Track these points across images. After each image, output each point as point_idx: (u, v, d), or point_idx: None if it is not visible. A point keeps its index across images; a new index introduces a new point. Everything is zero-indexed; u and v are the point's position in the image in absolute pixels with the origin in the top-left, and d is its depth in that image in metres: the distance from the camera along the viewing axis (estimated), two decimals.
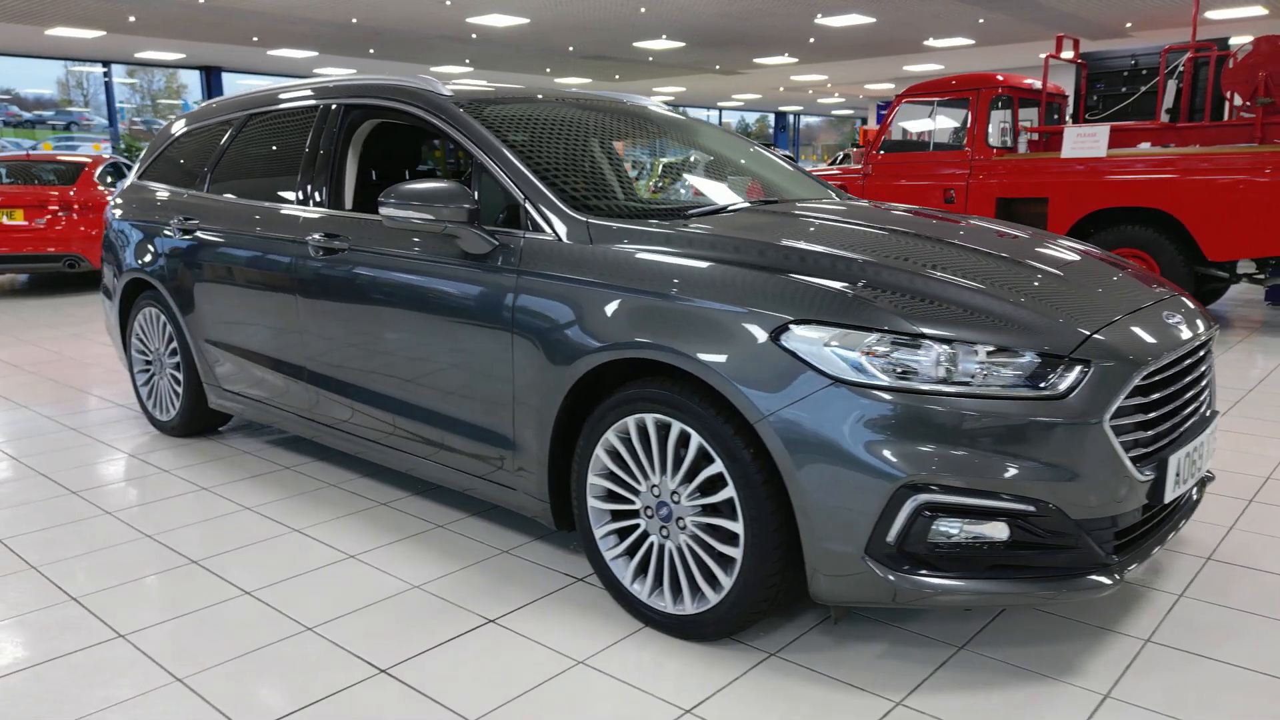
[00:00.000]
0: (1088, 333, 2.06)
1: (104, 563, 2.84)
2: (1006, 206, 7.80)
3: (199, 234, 3.79)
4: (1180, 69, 8.03)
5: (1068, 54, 8.69)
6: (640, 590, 2.39)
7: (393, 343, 2.95)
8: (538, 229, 2.62)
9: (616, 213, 2.67)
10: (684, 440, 2.23)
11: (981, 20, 14.66)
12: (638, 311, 2.27)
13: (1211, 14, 14.62)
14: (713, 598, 2.23)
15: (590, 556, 2.51)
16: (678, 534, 2.30)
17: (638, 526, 2.40)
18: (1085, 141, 7.30)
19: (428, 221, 2.63)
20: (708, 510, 2.23)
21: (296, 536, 3.03)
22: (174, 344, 4.06)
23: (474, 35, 15.68)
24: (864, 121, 35.23)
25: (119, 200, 4.49)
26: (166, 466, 3.78)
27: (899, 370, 1.97)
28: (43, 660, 2.27)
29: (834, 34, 15.88)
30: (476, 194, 2.95)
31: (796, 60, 20.24)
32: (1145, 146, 7.49)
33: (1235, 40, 7.88)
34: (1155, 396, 2.13)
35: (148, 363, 4.30)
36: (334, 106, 3.40)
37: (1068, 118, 9.09)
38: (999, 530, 1.97)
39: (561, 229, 2.56)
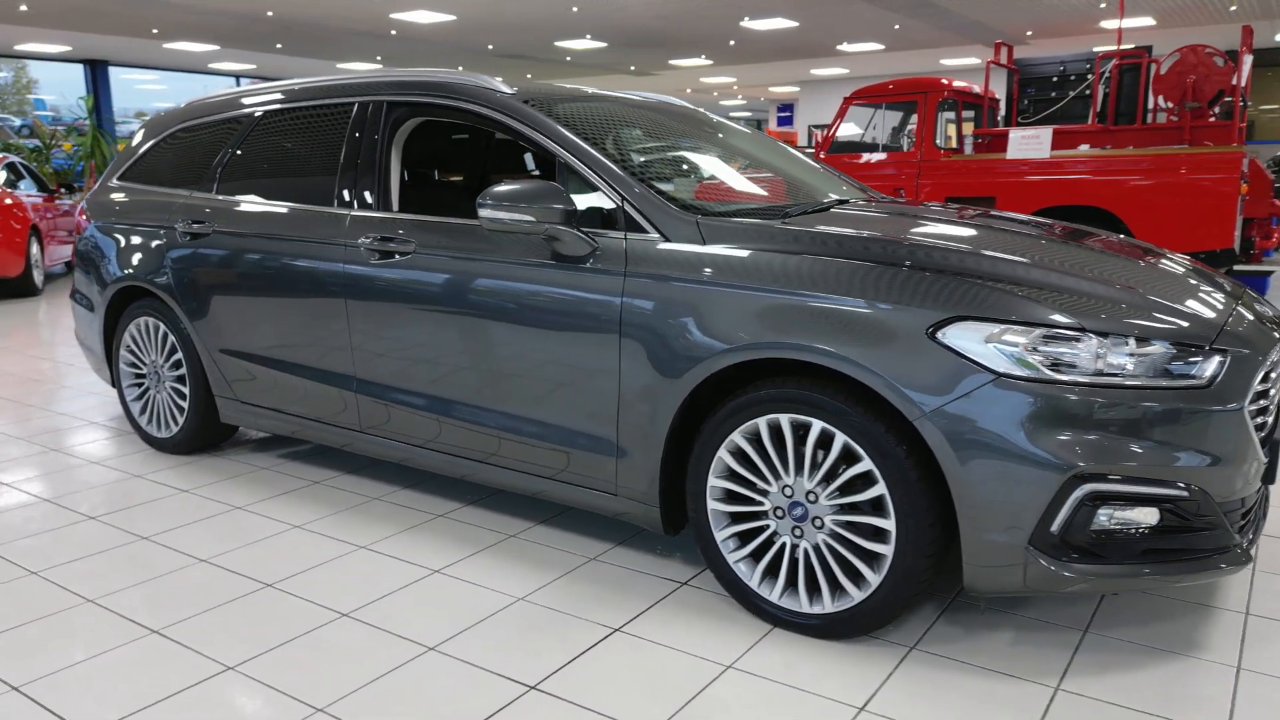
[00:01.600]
0: (1221, 324, 2.16)
1: (168, 592, 2.64)
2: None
3: (213, 238, 3.57)
4: (1107, 75, 8.52)
5: (987, 55, 9.09)
6: (769, 592, 2.39)
7: (472, 349, 2.85)
8: (639, 230, 2.57)
9: (713, 213, 2.65)
10: (823, 439, 2.24)
11: (897, 26, 15.17)
12: (774, 311, 2.26)
13: (1106, 24, 15.54)
14: (857, 595, 2.24)
15: (709, 559, 2.49)
16: (814, 533, 2.30)
17: (762, 528, 2.39)
18: (1029, 143, 7.66)
19: (528, 224, 2.55)
20: (848, 508, 2.24)
21: (366, 554, 2.89)
22: (176, 355, 3.81)
23: (394, 31, 15.26)
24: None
25: (96, 203, 4.18)
26: (184, 486, 3.54)
27: (1058, 363, 2.03)
28: (158, 699, 2.10)
29: (756, 37, 16.15)
30: None
31: (711, 63, 20.49)
32: (1085, 148, 7.90)
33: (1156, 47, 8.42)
34: (1269, 383, 2.26)
35: (139, 376, 4.02)
36: (376, 104, 3.25)
37: (998, 120, 9.51)
38: (1149, 516, 2.05)
39: (669, 229, 2.52)
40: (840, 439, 2.19)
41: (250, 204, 3.52)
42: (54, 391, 5.12)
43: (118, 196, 4.10)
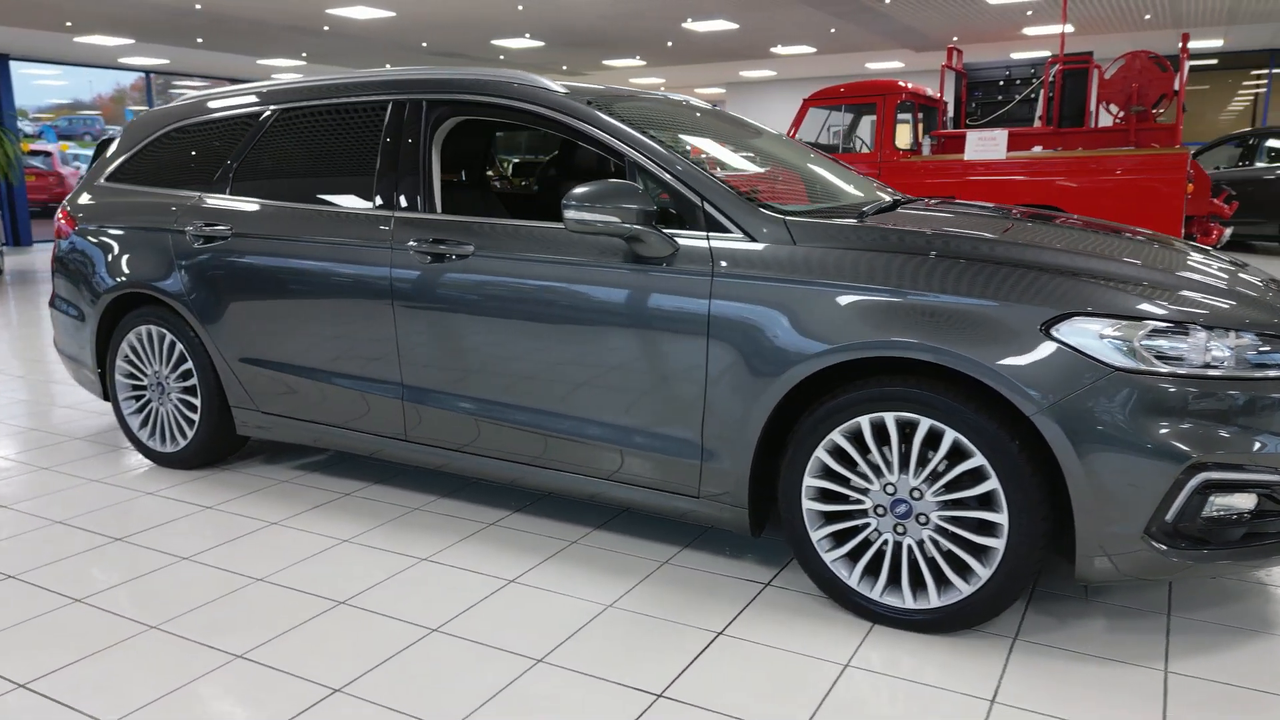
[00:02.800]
0: None
1: (237, 614, 2.50)
2: None
3: (232, 241, 3.40)
4: (1050, 79, 8.87)
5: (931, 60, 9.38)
6: (869, 589, 2.40)
7: (538, 352, 2.78)
8: (721, 230, 2.56)
9: (795, 214, 2.65)
10: (930, 436, 2.26)
11: (833, 30, 15.47)
12: (881, 311, 2.28)
13: (1028, 30, 16.17)
14: (965, 589, 2.27)
15: (802, 559, 2.49)
16: (918, 530, 2.32)
17: (860, 526, 2.40)
18: (986, 145, 7.92)
19: (613, 225, 2.51)
20: (954, 504, 2.27)
21: (431, 566, 2.80)
22: (185, 366, 3.62)
23: (326, 28, 14.80)
24: None
25: (83, 205, 3.94)
26: (205, 503, 3.37)
27: (1168, 357, 2.10)
28: None
29: (695, 39, 16.25)
30: None
31: (645, 63, 20.54)
32: (1038, 150, 8.21)
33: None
34: None
35: (137, 388, 3.80)
36: (414, 102, 3.15)
37: (945, 122, 9.80)
38: (1248, 501, 2.14)
39: (755, 229, 2.52)
40: (950, 435, 2.22)
41: (274, 206, 3.37)
42: (15, 406, 4.80)
43: (108, 199, 3.87)
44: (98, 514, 3.26)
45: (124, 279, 3.66)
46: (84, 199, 3.98)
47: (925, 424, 2.25)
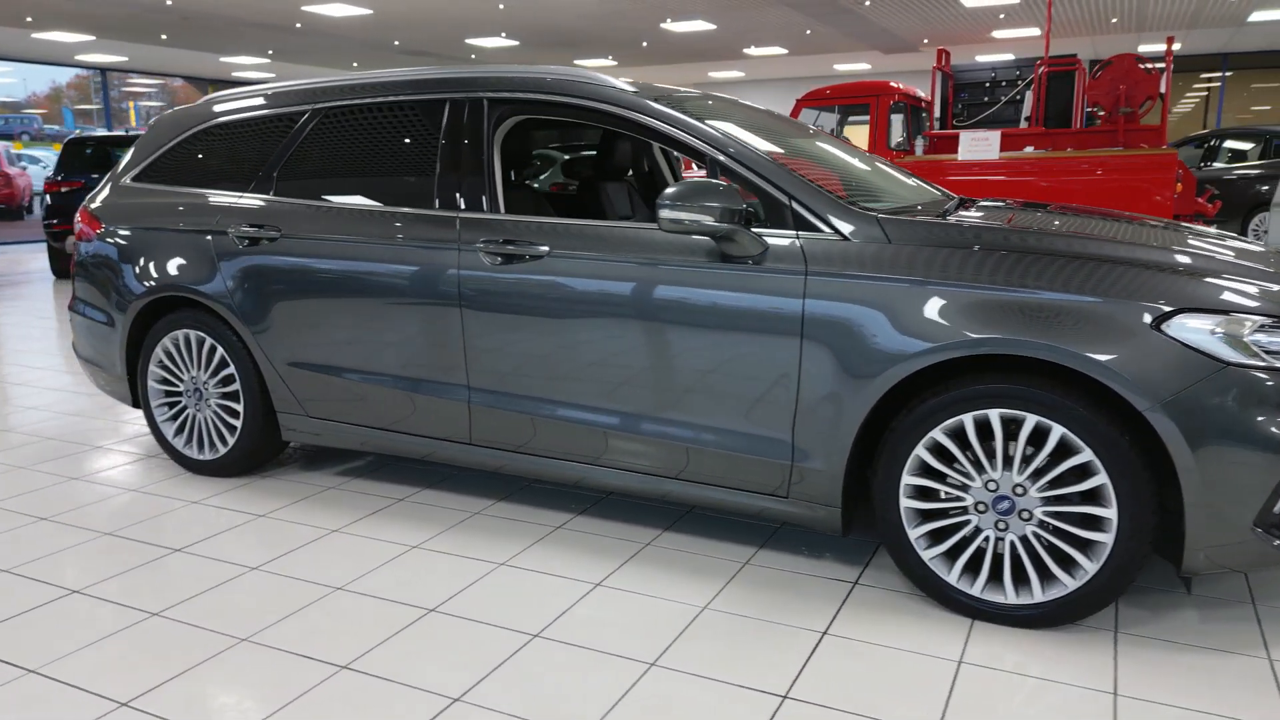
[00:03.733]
0: None
1: (326, 625, 2.44)
2: None
3: (282, 242, 3.32)
4: (1033, 82, 9.03)
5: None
6: (969, 586, 2.42)
7: (618, 353, 2.76)
8: (810, 228, 2.56)
9: (882, 212, 2.65)
10: (1036, 432, 2.28)
11: (809, 32, 15.61)
12: (984, 308, 2.29)
13: (999, 33, 16.47)
14: (1071, 584, 2.30)
15: (899, 557, 2.50)
16: (1021, 526, 2.34)
17: (960, 523, 2.42)
18: (979, 145, 8.02)
19: (707, 224, 2.49)
20: (1060, 499, 2.30)
21: (510, 570, 2.76)
22: (226, 371, 3.52)
23: (299, 25, 14.55)
24: None
25: (108, 206, 3.82)
26: (257, 511, 3.28)
27: (1272, 350, 2.14)
28: None
29: (672, 39, 16.28)
30: None
31: (616, 64, 20.53)
32: (1029, 150, 8.35)
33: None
34: None
35: (171, 394, 3.70)
36: (474, 101, 3.11)
37: (928, 124, 9.94)
38: None
39: (846, 228, 2.52)
40: (1058, 432, 2.25)
41: (327, 206, 3.29)
42: (23, 414, 4.64)
43: (136, 200, 3.76)
44: (146, 524, 3.16)
45: (160, 282, 3.56)
46: (108, 200, 3.86)
47: (1032, 420, 2.27)
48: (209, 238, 3.48)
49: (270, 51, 18.35)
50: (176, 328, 3.60)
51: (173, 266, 3.55)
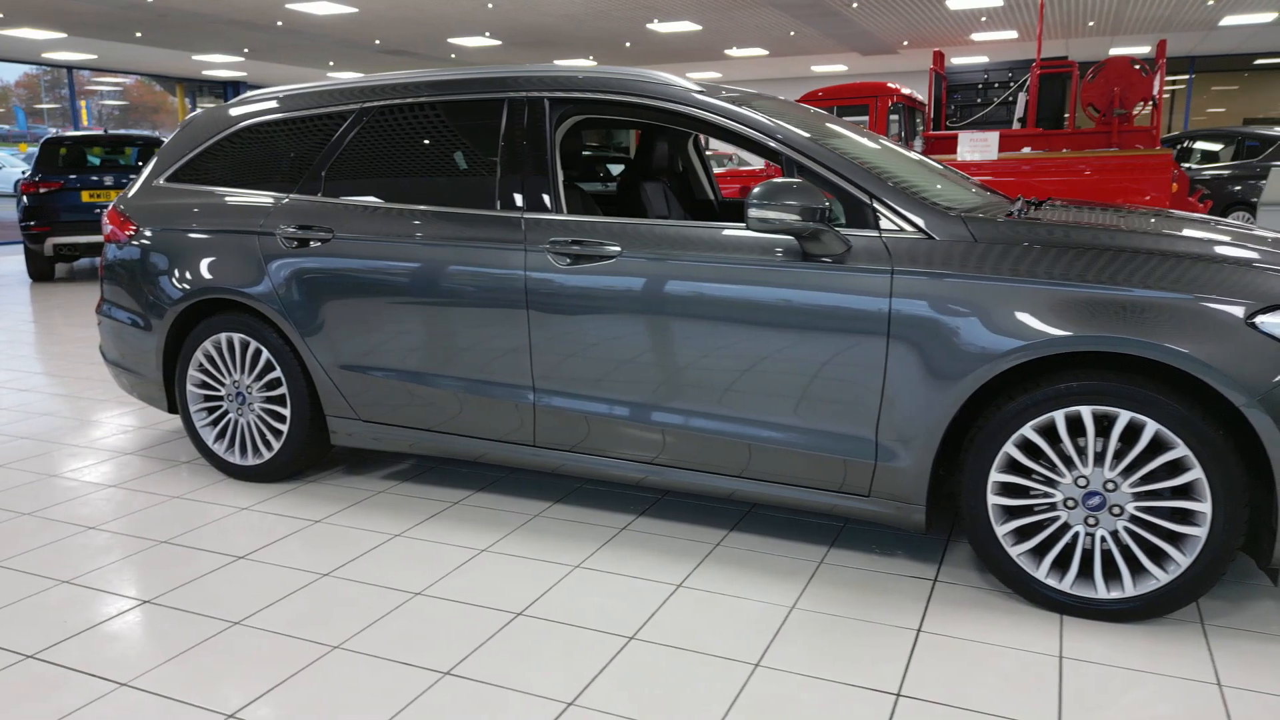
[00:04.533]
0: None
1: (419, 630, 2.41)
2: None
3: (335, 243, 3.27)
4: (1026, 83, 9.16)
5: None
6: (1057, 581, 2.44)
7: (693, 353, 2.75)
8: (892, 227, 2.57)
9: (960, 210, 2.67)
10: (1129, 428, 2.31)
11: (793, 33, 15.70)
12: (1076, 306, 2.31)
13: (978, 35, 16.69)
14: (1163, 577, 2.33)
15: (985, 554, 2.52)
16: (1111, 521, 2.37)
17: (1048, 519, 2.44)
18: (978, 145, 8.13)
19: (795, 223, 2.50)
20: (1152, 494, 2.33)
21: (586, 573, 2.74)
22: (273, 374, 3.46)
23: (280, 23, 14.34)
24: None
25: (142, 207, 3.73)
26: (312, 516, 3.23)
27: None
28: None
29: (656, 39, 16.28)
30: None
31: (596, 64, 20.52)
32: (1027, 150, 8.47)
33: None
34: None
35: (210, 399, 3.62)
36: (534, 100, 3.08)
37: (929, 124, 10.03)
38: None
39: (932, 226, 2.53)
40: (1152, 428, 2.28)
41: (383, 207, 3.25)
42: (39, 420, 4.52)
43: (172, 200, 3.68)
44: (201, 532, 3.09)
45: (202, 285, 3.48)
46: (141, 201, 3.77)
47: (1125, 416, 2.30)
48: (255, 239, 3.42)
49: (246, 50, 18.08)
50: (218, 331, 3.53)
51: (215, 268, 3.48)
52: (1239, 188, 12.73)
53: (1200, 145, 13.74)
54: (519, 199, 3.04)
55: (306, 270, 3.31)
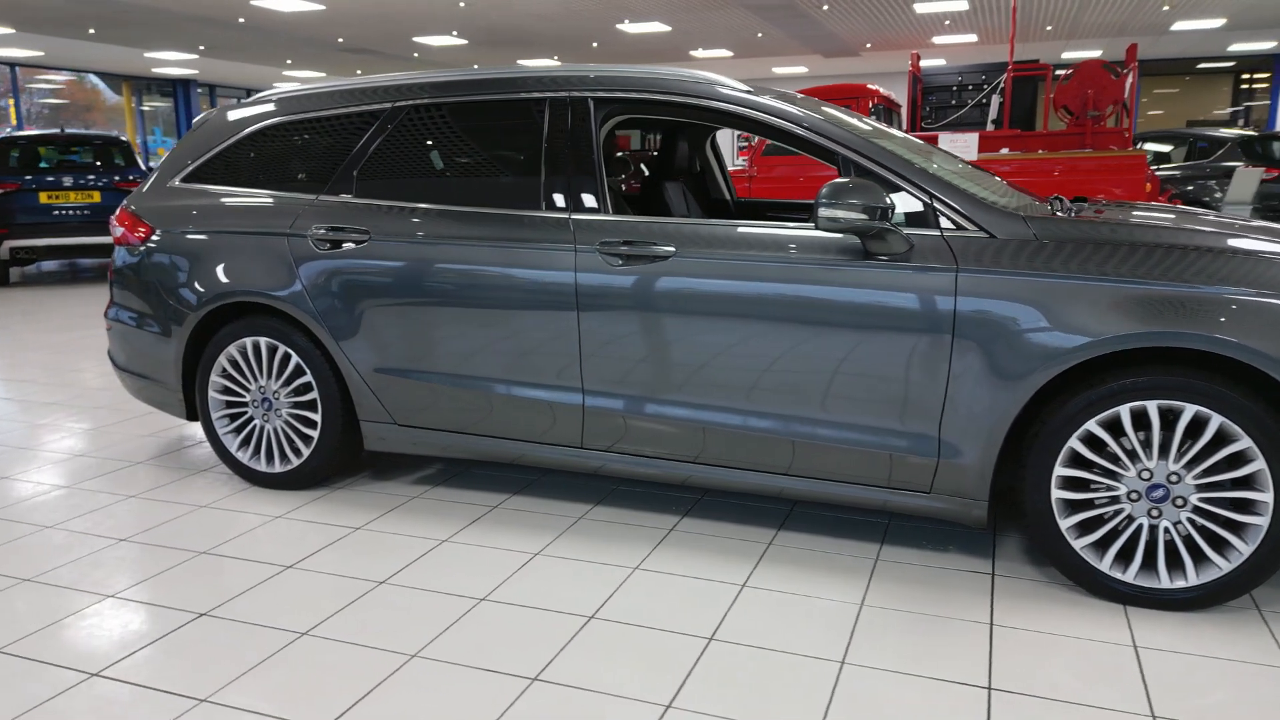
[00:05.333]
0: None
1: (488, 633, 2.37)
2: None
3: (371, 245, 3.21)
4: (1002, 86, 9.36)
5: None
6: (1121, 573, 2.49)
7: (750, 353, 2.75)
8: (953, 226, 2.60)
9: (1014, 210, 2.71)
10: (1193, 422, 2.37)
11: (760, 35, 15.82)
12: (1143, 302, 2.36)
13: (938, 39, 16.99)
14: (1225, 566, 2.39)
15: (1048, 548, 2.56)
16: (1175, 512, 2.43)
17: (1111, 513, 2.50)
18: (958, 146, 8.28)
19: (860, 222, 2.52)
20: (1215, 485, 2.39)
21: (647, 575, 2.73)
22: (303, 379, 3.38)
23: (241, 20, 14.04)
24: None
25: (158, 209, 3.63)
26: (352, 523, 3.17)
27: None
28: None
29: (625, 40, 16.28)
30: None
31: (560, 63, 20.46)
32: (1005, 151, 8.64)
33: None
34: None
35: (233, 405, 3.53)
36: (578, 100, 3.06)
37: (907, 125, 10.20)
38: None
39: (993, 225, 2.57)
40: (1216, 421, 2.34)
41: (422, 208, 3.20)
42: (36, 431, 4.37)
43: (193, 201, 3.58)
44: (240, 542, 3.01)
45: (228, 288, 3.39)
46: (157, 201, 3.66)
47: (1191, 410, 2.36)
48: (284, 240, 3.34)
49: (202, 47, 17.67)
50: (243, 335, 3.44)
51: (241, 271, 3.39)
52: (1191, 188, 13.14)
53: (1150, 146, 14.16)
54: (566, 200, 3.01)
55: (341, 272, 3.25)
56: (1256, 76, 25.25)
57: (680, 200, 3.93)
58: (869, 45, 17.64)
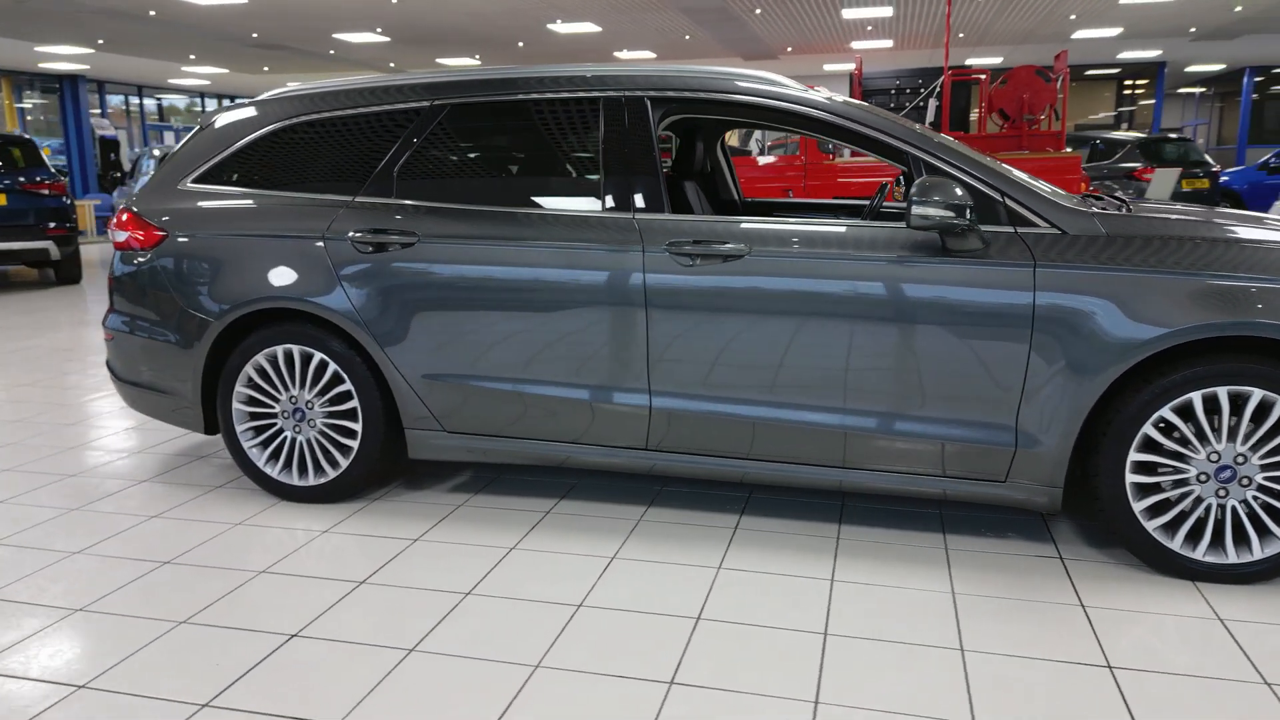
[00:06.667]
0: None
1: (597, 640, 2.34)
2: None
3: (420, 248, 3.11)
4: (939, 89, 9.71)
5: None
6: (1191, 551, 2.63)
7: (828, 350, 2.79)
8: (1025, 223, 2.70)
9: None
10: (1261, 405, 2.53)
11: (688, 37, 15.96)
12: (1218, 295, 2.49)
13: (855, 44, 17.49)
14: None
15: (1123, 531, 2.67)
16: (1241, 491, 2.59)
17: (1179, 495, 2.63)
18: None
19: (949, 220, 2.59)
20: (1276, 465, 2.55)
21: (734, 574, 2.74)
22: (342, 387, 3.25)
23: (152, 13, 13.31)
24: None
25: (172, 211, 3.43)
26: (408, 535, 3.07)
27: None
28: None
29: (551, 40, 16.17)
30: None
31: (480, 62, 20.17)
32: None
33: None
34: None
35: (259, 416, 3.37)
36: (635, 99, 3.05)
37: None
38: None
39: (1065, 222, 2.68)
40: None
41: (472, 209, 3.12)
42: (18, 451, 4.07)
43: (210, 203, 3.40)
44: (296, 560, 2.88)
45: (258, 294, 3.23)
46: (169, 204, 3.46)
47: (1258, 395, 2.51)
48: (320, 243, 3.21)
49: (101, 41, 16.70)
50: (272, 343, 3.29)
51: (273, 276, 3.24)
52: (1093, 185, 13.94)
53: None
54: (629, 200, 2.99)
55: (388, 276, 3.14)
56: (1138, 82, 26.93)
57: (696, 199, 3.94)
58: (789, 49, 18.02)
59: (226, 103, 29.81)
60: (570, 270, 2.98)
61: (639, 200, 2.99)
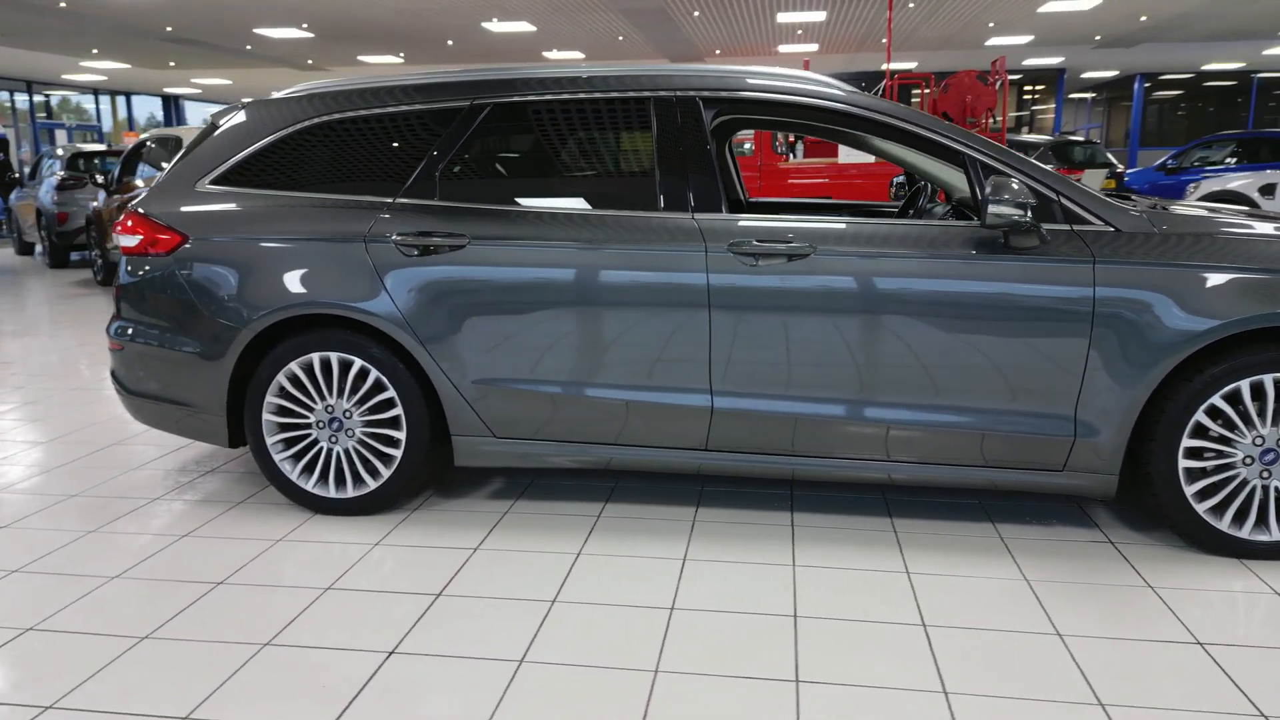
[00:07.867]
0: None
1: (707, 644, 2.34)
2: None
3: (470, 250, 3.04)
4: (881, 93, 9.98)
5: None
6: (1238, 530, 2.79)
7: (903, 348, 2.84)
8: (1080, 221, 2.81)
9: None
10: None
11: (621, 38, 15.98)
12: (1261, 287, 2.65)
13: (782, 48, 17.83)
14: None
15: (1174, 514, 2.80)
16: None
17: (1228, 478, 2.78)
18: (851, 151, 8.77)
19: (1020, 218, 2.68)
20: None
21: (810, 571, 2.77)
22: (384, 395, 3.15)
23: (63, 4, 12.56)
24: None
25: (192, 214, 3.26)
26: (467, 544, 2.99)
27: None
28: None
29: (483, 39, 15.94)
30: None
31: (403, 60, 19.75)
32: None
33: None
34: None
35: (290, 427, 3.24)
36: (687, 99, 3.05)
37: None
38: None
39: (1117, 220, 2.80)
40: None
41: (524, 210, 3.07)
42: (44, 465, 3.80)
43: (234, 205, 3.25)
44: (357, 574, 2.78)
45: (294, 301, 3.10)
46: (187, 205, 3.29)
47: None
48: (361, 246, 3.10)
49: (2, 34, 15.69)
50: (308, 351, 3.16)
51: (310, 281, 3.11)
52: None
53: None
54: (684, 200, 2.99)
55: (436, 280, 3.05)
56: (1038, 87, 28.25)
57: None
58: (718, 51, 18.24)
59: (121, 100, 28.29)
60: (630, 271, 2.96)
61: (697, 201, 2.99)
